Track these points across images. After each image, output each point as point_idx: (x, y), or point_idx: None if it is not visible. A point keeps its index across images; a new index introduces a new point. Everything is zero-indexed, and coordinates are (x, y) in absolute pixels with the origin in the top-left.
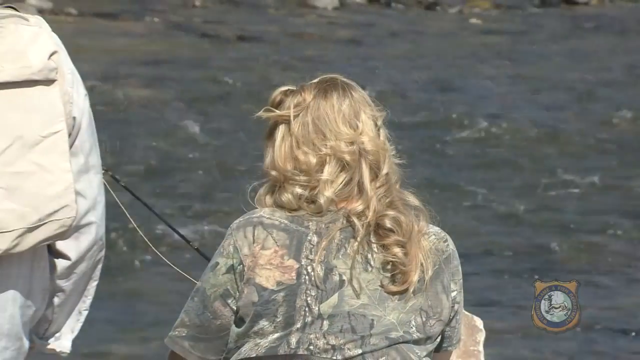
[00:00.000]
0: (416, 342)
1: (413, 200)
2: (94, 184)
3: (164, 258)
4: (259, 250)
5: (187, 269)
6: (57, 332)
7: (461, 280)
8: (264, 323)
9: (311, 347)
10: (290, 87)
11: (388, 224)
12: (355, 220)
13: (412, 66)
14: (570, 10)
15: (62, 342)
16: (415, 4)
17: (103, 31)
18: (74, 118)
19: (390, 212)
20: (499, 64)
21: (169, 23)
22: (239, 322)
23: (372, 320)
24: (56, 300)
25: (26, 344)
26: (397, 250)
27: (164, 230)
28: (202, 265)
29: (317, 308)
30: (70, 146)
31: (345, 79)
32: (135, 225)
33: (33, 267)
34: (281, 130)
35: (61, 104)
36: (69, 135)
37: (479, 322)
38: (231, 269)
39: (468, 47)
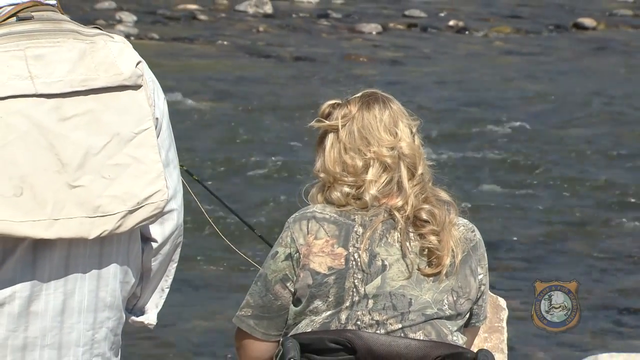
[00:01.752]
0: (448, 318)
1: (445, 196)
2: (174, 176)
3: (233, 246)
4: (313, 240)
5: (250, 255)
6: (143, 306)
7: (487, 265)
8: (318, 303)
9: (358, 323)
10: (337, 101)
11: (424, 216)
12: (396, 213)
13: (444, 82)
14: (580, 34)
15: (149, 315)
16: (447, 28)
17: (181, 53)
18: (157, 119)
19: (426, 206)
20: (519, 80)
21: (236, 46)
22: (297, 302)
23: (411, 299)
24: (144, 278)
25: (124, 316)
26: (432, 238)
27: (230, 219)
28: (264, 252)
29: (363, 289)
30: None
31: (384, 93)
32: (207, 217)
33: (129, 248)
34: (330, 138)
35: (147, 105)
36: None
37: (502, 302)
38: (289, 256)
39: (492, 66)
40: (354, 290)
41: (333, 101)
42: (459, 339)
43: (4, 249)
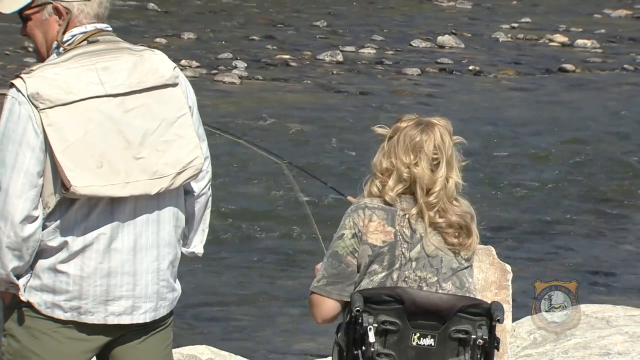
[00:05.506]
0: (465, 268)
1: (462, 200)
2: (203, 147)
3: (316, 228)
4: (368, 223)
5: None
6: (191, 244)
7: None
8: (375, 266)
9: (406, 280)
10: (406, 116)
11: (442, 211)
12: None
13: (465, 111)
14: (563, 75)
15: (198, 247)
16: (467, 72)
17: (278, 89)
18: (189, 107)
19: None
20: (519, 109)
21: (317, 84)
22: (359, 268)
23: (442, 258)
24: (189, 222)
25: (179, 252)
26: (452, 219)
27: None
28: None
29: (408, 254)
30: None
31: (444, 125)
32: (303, 200)
33: (177, 201)
34: (382, 143)
35: (183, 97)
36: None
37: (508, 267)
38: (354, 235)
39: (500, 99)
40: (402, 256)
41: (405, 116)
42: (472, 285)
43: (90, 205)
